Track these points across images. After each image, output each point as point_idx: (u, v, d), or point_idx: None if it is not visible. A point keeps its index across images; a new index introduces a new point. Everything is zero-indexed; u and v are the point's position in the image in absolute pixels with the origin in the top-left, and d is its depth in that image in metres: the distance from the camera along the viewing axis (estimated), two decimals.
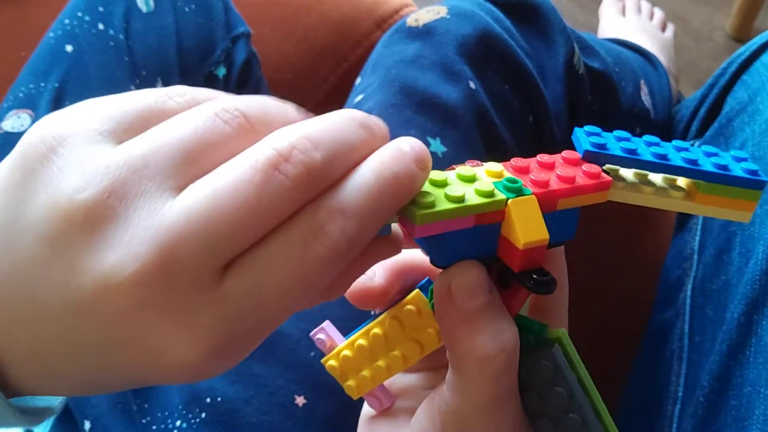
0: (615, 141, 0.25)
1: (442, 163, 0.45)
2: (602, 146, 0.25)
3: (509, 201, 0.22)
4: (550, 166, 0.25)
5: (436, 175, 0.23)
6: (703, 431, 0.43)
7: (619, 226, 0.63)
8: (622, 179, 0.25)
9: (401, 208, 0.21)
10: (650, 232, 0.62)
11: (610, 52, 0.60)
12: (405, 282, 0.28)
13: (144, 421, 0.43)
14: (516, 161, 0.25)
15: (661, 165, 0.25)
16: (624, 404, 0.54)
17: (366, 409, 0.31)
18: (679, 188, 0.26)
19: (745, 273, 0.43)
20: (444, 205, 0.22)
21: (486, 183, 0.23)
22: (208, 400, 0.41)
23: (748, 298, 0.42)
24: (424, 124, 0.46)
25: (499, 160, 0.25)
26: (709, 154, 0.26)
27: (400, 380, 0.30)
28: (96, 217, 0.19)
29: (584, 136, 0.25)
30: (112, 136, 0.20)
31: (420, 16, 0.50)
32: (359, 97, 0.49)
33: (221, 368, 0.21)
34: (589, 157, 0.25)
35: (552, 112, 0.50)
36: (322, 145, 0.20)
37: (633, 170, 0.26)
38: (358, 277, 0.24)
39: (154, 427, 0.43)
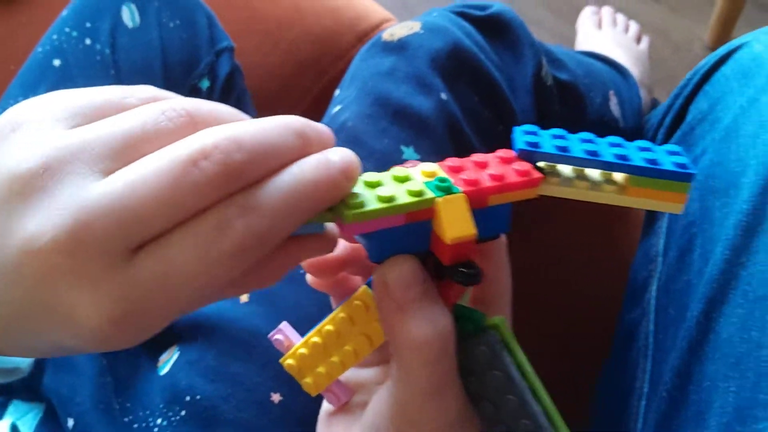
0: (550, 139, 0.27)
1: None
2: (535, 144, 0.26)
3: (438, 199, 0.24)
4: (484, 165, 0.26)
5: (370, 176, 0.24)
6: (665, 425, 0.45)
7: (591, 229, 0.65)
8: (558, 175, 0.27)
9: (334, 208, 0.23)
10: (620, 235, 0.64)
11: (581, 64, 0.63)
12: (366, 274, 0.30)
13: (126, 419, 0.44)
14: (451, 161, 0.26)
15: (591, 161, 0.26)
16: (597, 401, 0.56)
17: (325, 406, 0.32)
18: (614, 183, 0.27)
19: (705, 273, 0.45)
20: (373, 205, 0.23)
21: (417, 183, 0.24)
22: (188, 398, 0.43)
23: (707, 297, 0.44)
24: (399, 133, 0.48)
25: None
26: (642, 149, 0.27)
27: (356, 375, 0.32)
28: (30, 188, 0.21)
29: (520, 136, 0.27)
30: (67, 122, 0.22)
31: (395, 31, 0.53)
32: (337, 108, 0.51)
33: (126, 339, 0.22)
34: (523, 155, 0.26)
35: (521, 122, 0.52)
36: (245, 147, 0.21)
37: (571, 167, 0.27)
38: (288, 270, 0.26)
39: (136, 426, 0.44)
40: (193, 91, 0.59)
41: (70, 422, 0.46)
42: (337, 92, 0.55)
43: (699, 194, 0.49)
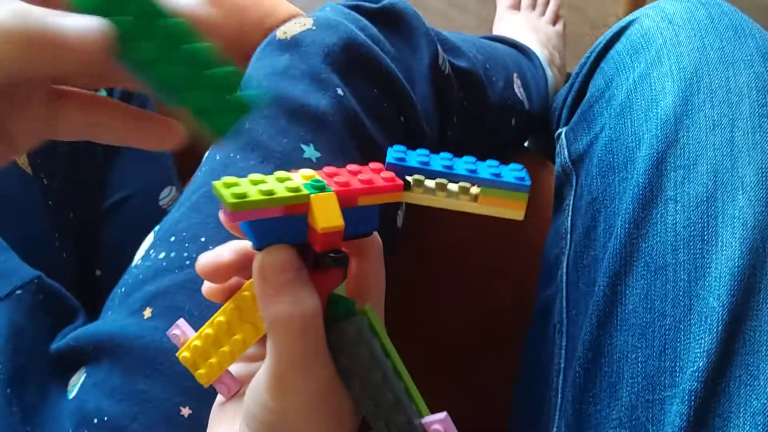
0: (415, 156, 0.32)
1: (317, 167, 0.47)
2: (402, 159, 0.31)
3: (312, 195, 0.27)
4: (356, 173, 0.30)
5: (256, 176, 0.28)
6: (582, 399, 0.46)
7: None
8: (422, 186, 0.31)
9: (221, 197, 0.26)
10: (532, 218, 0.65)
11: (481, 49, 0.63)
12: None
13: None
14: (328, 169, 0.30)
15: (446, 173, 0.31)
16: (520, 378, 0.57)
17: (218, 398, 0.34)
18: (468, 194, 0.31)
19: (609, 247, 0.46)
20: (255, 197, 0.26)
21: (295, 182, 0.28)
22: (95, 420, 0.42)
23: (612, 270, 0.45)
24: (297, 132, 0.48)
25: (367, 162, 0.31)
26: (490, 167, 0.32)
27: (246, 369, 0.34)
28: None
29: (391, 153, 0.32)
30: None
31: (288, 29, 0.52)
32: None
33: None
34: (390, 168, 0.31)
35: (421, 111, 0.52)
36: None
37: (434, 180, 0.31)
38: None
39: None
40: None
41: None
42: None
43: (600, 171, 0.50)
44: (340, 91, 0.49)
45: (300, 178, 0.29)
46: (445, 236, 0.64)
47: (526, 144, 0.73)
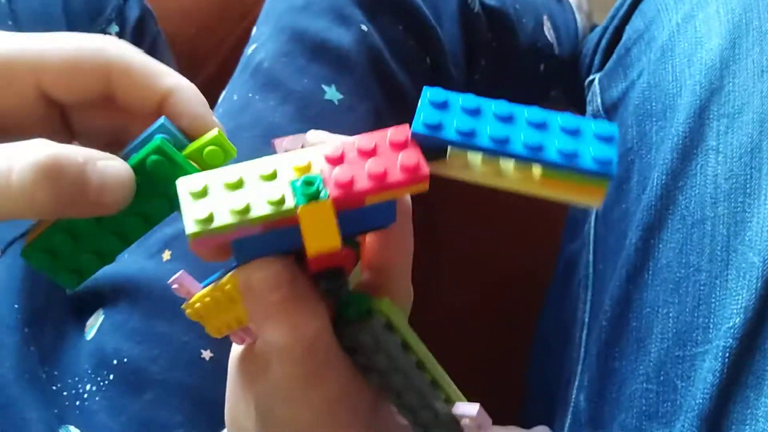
0: (458, 114, 0.23)
1: (339, 111, 0.45)
2: (436, 127, 0.23)
3: (299, 208, 0.21)
4: (369, 153, 0.23)
5: (230, 174, 0.22)
6: (607, 353, 0.45)
7: None
8: (462, 158, 0.24)
9: (182, 220, 0.21)
10: None
11: None
12: None
13: (53, 388, 0.43)
14: (331, 149, 0.23)
15: (497, 151, 0.23)
16: (539, 334, 0.56)
17: (234, 349, 0.31)
18: (528, 174, 0.24)
19: (643, 200, 0.45)
20: (222, 220, 0.21)
21: (279, 186, 0.22)
22: (115, 362, 0.41)
23: (645, 223, 0.44)
24: (318, 71, 0.46)
25: (396, 108, 0.24)
26: (566, 131, 0.23)
27: None
28: None
29: (424, 109, 0.23)
30: None
31: None
32: (252, 48, 0.48)
33: None
34: (418, 139, 0.23)
35: (449, 52, 0.50)
36: None
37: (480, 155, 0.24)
38: None
39: (65, 393, 0.43)
40: None
41: None
42: (254, 30, 0.52)
43: (636, 119, 0.48)
44: (364, 27, 0.47)
45: (291, 170, 0.22)
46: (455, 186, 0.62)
47: (552, 94, 0.70)
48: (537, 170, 0.24)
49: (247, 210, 0.21)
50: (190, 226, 0.21)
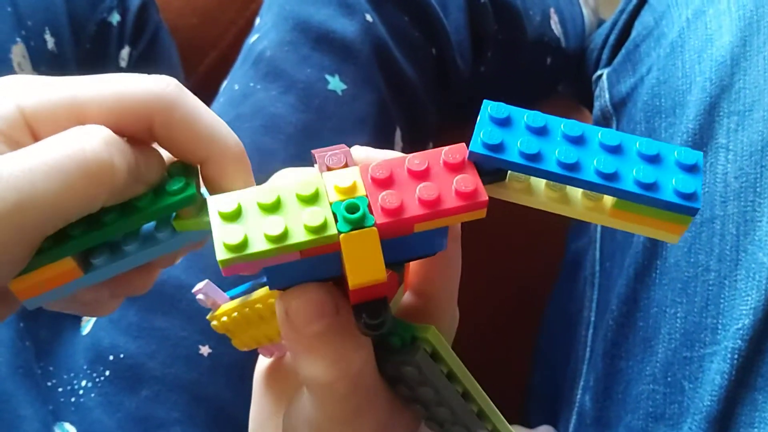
0: (522, 134, 0.21)
1: (342, 102, 0.44)
2: (496, 147, 0.21)
3: (342, 236, 0.20)
4: (421, 175, 0.21)
5: (266, 195, 0.20)
6: (613, 353, 0.44)
7: None
8: (523, 182, 0.22)
9: (215, 244, 0.20)
10: None
11: None
12: None
13: (49, 383, 0.42)
14: (380, 169, 0.21)
15: (565, 177, 0.20)
16: (544, 331, 0.55)
17: (261, 362, 0.30)
18: (594, 198, 0.22)
19: None
20: (258, 246, 0.19)
21: (320, 211, 0.20)
22: (111, 357, 0.41)
23: None
24: (321, 61, 0.45)
25: (400, 99, 0.22)
26: (644, 158, 0.21)
27: None
28: None
29: (484, 124, 0.21)
30: None
31: None
32: (255, 37, 0.47)
33: None
34: (477, 159, 0.21)
35: (455, 43, 0.49)
36: None
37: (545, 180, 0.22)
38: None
39: (60, 389, 0.42)
40: (102, 27, 0.54)
41: None
42: (257, 20, 0.51)
43: (645, 115, 0.47)
44: (368, 18, 0.46)
45: (334, 193, 0.20)
46: None
47: (559, 89, 0.69)
48: (609, 199, 0.21)
49: (284, 236, 0.19)
50: (221, 253, 0.19)
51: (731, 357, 0.37)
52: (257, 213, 0.20)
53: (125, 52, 0.56)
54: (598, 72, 0.55)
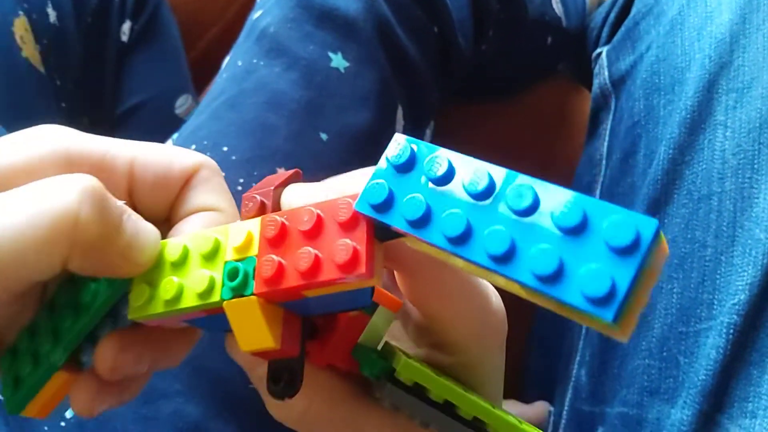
0: (416, 184, 0.17)
1: (345, 79, 0.44)
2: (380, 207, 0.17)
3: (225, 303, 0.19)
4: (310, 235, 0.18)
5: (175, 249, 0.20)
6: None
7: (533, 135, 0.63)
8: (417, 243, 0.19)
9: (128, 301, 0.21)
10: (563, 143, 0.62)
11: None
12: None
13: None
14: (272, 225, 0.19)
15: (449, 252, 0.17)
16: (540, 308, 0.55)
17: None
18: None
19: (649, 174, 0.44)
20: (155, 308, 0.20)
21: (205, 276, 0.19)
22: None
23: (650, 198, 0.43)
24: (324, 38, 0.45)
25: (402, 77, 0.21)
26: (560, 229, 0.15)
27: None
28: None
29: (379, 172, 0.18)
30: None
31: None
32: (258, 14, 0.47)
33: None
34: (363, 220, 0.18)
35: (456, 22, 0.49)
36: None
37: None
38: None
39: None
40: (102, 7, 0.54)
41: None
42: None
43: (644, 93, 0.47)
44: None
45: (231, 252, 0.20)
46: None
47: (559, 68, 0.69)
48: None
49: (176, 299, 0.20)
50: (130, 311, 0.20)
51: (727, 332, 0.37)
52: (165, 270, 0.20)
53: (126, 26, 0.56)
54: (598, 50, 0.56)
